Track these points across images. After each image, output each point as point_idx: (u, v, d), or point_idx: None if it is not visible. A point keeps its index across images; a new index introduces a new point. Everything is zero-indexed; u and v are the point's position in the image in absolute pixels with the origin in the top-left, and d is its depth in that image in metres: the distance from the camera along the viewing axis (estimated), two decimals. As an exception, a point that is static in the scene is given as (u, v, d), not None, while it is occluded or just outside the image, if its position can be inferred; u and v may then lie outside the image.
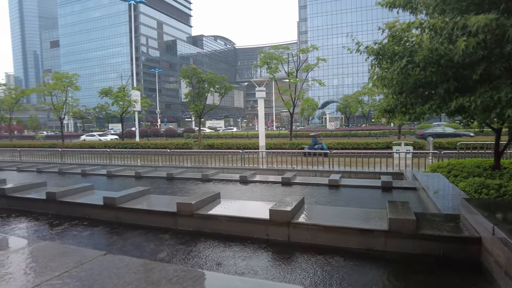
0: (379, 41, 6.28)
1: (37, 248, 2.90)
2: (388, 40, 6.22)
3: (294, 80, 32.99)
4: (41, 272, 2.30)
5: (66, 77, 36.66)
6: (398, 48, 5.97)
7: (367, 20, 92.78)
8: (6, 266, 2.44)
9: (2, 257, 2.63)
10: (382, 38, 6.55)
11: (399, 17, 6.96)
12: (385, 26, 6.54)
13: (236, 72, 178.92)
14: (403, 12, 6.85)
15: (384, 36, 6.51)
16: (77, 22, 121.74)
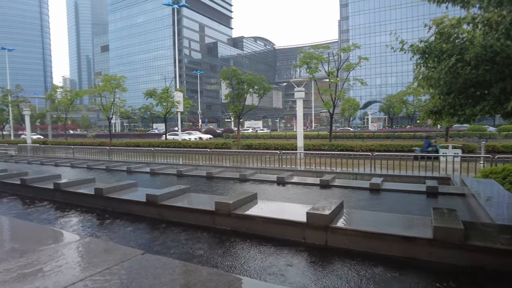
0: (424, 38, 5.93)
1: (83, 244, 3.10)
2: (435, 37, 5.85)
3: (335, 80, 32.27)
4: (86, 267, 2.46)
5: (114, 79, 38.84)
6: (447, 46, 5.58)
7: (412, 16, 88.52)
8: (55, 259, 2.64)
9: (53, 250, 2.85)
10: (428, 35, 6.18)
11: (448, 12, 6.55)
12: (432, 22, 6.17)
13: (275, 73, 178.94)
14: (453, 7, 6.42)
15: (430, 34, 6.14)
16: (125, 27, 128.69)
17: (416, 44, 5.96)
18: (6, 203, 9.51)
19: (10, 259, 2.67)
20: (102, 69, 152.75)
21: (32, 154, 27.99)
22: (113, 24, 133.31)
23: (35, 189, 10.08)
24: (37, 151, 28.50)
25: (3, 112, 55.78)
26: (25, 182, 10.29)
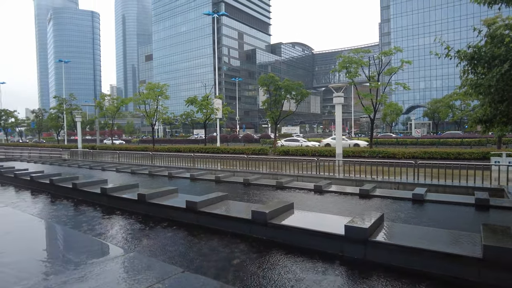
0: (472, 39, 5.57)
1: (128, 259, 3.31)
2: (486, 41, 5.47)
3: (376, 84, 31.23)
4: (131, 284, 2.61)
5: (158, 87, 40.59)
6: (499, 50, 5.19)
7: (460, 16, 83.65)
8: (104, 273, 2.83)
9: (102, 264, 3.08)
10: (477, 39, 5.80)
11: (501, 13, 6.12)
12: (482, 23, 5.79)
13: (313, 77, 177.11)
14: (507, 8, 5.96)
15: (479, 38, 5.76)
16: (167, 36, 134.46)
17: (463, 49, 5.62)
18: (60, 205, 10.28)
19: (66, 270, 2.95)
20: (146, 77, 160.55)
21: (83, 159, 29.98)
22: (156, 34, 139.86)
23: (84, 193, 10.79)
24: (87, 155, 30.50)
25: (59, 119, 60.50)
26: (76, 186, 11.06)
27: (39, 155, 37.24)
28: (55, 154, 34.77)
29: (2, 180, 15.86)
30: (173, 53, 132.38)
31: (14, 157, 36.23)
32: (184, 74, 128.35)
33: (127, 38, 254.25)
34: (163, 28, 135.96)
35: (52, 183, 12.24)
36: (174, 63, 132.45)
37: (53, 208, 10.05)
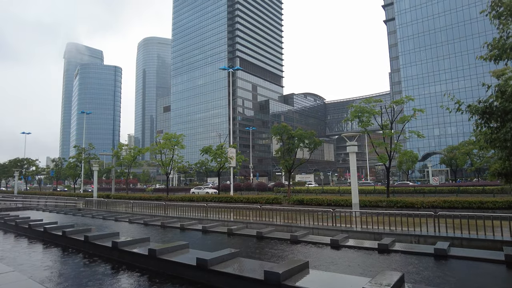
0: (483, 98, 5.58)
1: None
2: (496, 95, 5.48)
3: (389, 133, 31.17)
4: None
5: (174, 137, 41.65)
6: (511, 105, 5.18)
7: (468, 64, 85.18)
8: None
9: None
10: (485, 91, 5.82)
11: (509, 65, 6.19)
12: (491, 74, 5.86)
13: (326, 126, 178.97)
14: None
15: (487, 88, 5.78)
16: (185, 89, 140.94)
17: (474, 104, 5.63)
18: (71, 259, 10.12)
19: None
20: (164, 127, 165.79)
21: (97, 208, 30.08)
22: (175, 87, 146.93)
23: (95, 246, 10.65)
24: (101, 205, 30.61)
25: (77, 167, 62.01)
26: (88, 239, 10.96)
27: (55, 203, 37.65)
28: (71, 203, 35.09)
29: (17, 231, 15.94)
30: (190, 104, 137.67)
31: (31, 205, 36.73)
32: (200, 124, 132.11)
33: (147, 91, 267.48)
34: (181, 81, 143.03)
35: (65, 235, 12.19)
36: (190, 114, 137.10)
37: (63, 266, 9.88)
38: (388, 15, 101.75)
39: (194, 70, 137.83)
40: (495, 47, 5.54)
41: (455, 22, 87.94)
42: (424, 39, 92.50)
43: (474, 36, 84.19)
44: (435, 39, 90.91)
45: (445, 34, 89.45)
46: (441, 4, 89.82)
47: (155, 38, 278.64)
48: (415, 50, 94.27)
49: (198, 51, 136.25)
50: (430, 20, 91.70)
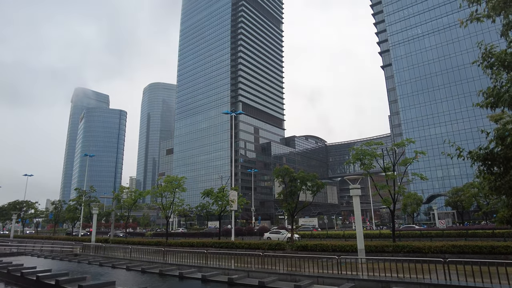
0: (483, 145, 5.62)
1: None
2: (496, 142, 5.52)
3: (392, 175, 30.98)
4: None
5: (175, 179, 41.47)
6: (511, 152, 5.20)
7: (466, 107, 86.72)
8: None
9: None
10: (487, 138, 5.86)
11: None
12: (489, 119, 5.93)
13: (328, 168, 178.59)
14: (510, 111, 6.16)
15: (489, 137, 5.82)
16: (188, 132, 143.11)
17: (475, 150, 5.65)
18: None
19: None
20: (166, 170, 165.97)
21: (94, 253, 29.16)
22: (178, 130, 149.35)
23: (90, 297, 10.16)
24: (99, 250, 29.70)
25: (76, 210, 61.13)
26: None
27: (51, 248, 36.57)
28: (67, 248, 34.09)
29: (9, 279, 15.32)
30: (193, 147, 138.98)
31: (26, 250, 35.68)
32: (202, 166, 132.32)
33: (151, 134, 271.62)
34: (185, 125, 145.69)
35: (58, 285, 11.69)
36: (193, 156, 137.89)
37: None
38: (385, 61, 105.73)
39: (197, 114, 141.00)
40: (490, 95, 5.71)
41: (449, 67, 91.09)
42: (421, 83, 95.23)
43: (469, 80, 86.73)
44: (431, 83, 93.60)
45: (441, 78, 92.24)
46: (435, 51, 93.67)
47: (161, 83, 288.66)
48: (413, 93, 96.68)
49: (202, 96, 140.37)
50: (425, 66, 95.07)
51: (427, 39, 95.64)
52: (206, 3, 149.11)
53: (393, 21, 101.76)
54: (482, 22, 5.82)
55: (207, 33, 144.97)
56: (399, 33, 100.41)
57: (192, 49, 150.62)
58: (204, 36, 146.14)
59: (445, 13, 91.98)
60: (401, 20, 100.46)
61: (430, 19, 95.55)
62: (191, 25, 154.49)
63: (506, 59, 5.53)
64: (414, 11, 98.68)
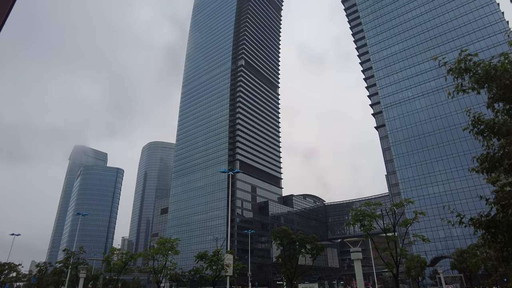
0: (484, 212, 5.55)
1: None
2: (497, 209, 5.45)
3: (393, 237, 30.14)
4: None
5: (169, 241, 39.98)
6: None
7: (462, 166, 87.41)
8: None
9: None
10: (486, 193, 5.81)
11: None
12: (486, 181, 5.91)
13: (328, 229, 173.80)
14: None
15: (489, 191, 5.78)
16: (185, 191, 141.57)
17: (476, 217, 5.56)
18: None
19: None
20: (159, 230, 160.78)
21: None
22: (174, 188, 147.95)
23: None
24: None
25: (62, 273, 57.59)
26: None
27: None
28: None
29: None
30: (188, 206, 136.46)
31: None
32: (197, 226, 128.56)
33: (146, 193, 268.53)
34: (181, 183, 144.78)
35: None
36: (188, 216, 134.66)
37: None
38: (379, 122, 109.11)
39: (194, 172, 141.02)
40: (484, 161, 5.81)
41: (441, 127, 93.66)
42: (416, 143, 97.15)
43: (461, 140, 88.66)
44: (425, 143, 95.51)
45: (434, 138, 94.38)
46: (426, 112, 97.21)
47: (159, 142, 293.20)
48: (408, 153, 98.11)
49: (200, 155, 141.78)
50: (418, 126, 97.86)
51: (418, 101, 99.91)
52: (207, 69, 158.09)
53: (384, 85, 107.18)
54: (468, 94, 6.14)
55: (207, 95, 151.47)
56: (390, 96, 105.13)
57: (192, 110, 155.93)
58: (204, 99, 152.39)
59: (432, 78, 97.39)
60: (392, 84, 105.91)
61: (419, 83, 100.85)
62: (192, 88, 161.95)
63: (495, 126, 5.74)
64: (403, 75, 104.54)
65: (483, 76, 5.42)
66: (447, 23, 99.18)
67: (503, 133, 5.38)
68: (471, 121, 6.21)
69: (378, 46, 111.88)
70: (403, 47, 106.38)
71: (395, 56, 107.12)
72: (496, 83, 5.11)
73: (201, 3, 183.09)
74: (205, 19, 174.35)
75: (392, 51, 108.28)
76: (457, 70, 5.92)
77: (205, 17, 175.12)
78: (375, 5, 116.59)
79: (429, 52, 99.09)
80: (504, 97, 5.18)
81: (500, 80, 5.02)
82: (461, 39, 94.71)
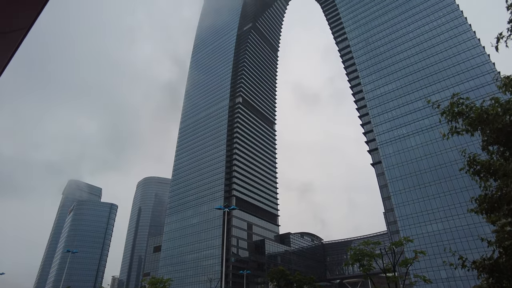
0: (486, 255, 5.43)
1: None
2: (499, 252, 5.35)
3: (393, 278, 29.19)
4: None
5: (161, 281, 38.38)
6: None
7: (459, 203, 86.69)
8: None
9: None
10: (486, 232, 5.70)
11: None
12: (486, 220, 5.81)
13: (326, 269, 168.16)
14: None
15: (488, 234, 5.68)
16: (178, 228, 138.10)
17: (479, 261, 5.44)
18: None
19: None
20: (152, 269, 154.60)
21: None
22: (168, 225, 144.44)
23: None
24: None
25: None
26: None
27: None
28: None
29: None
30: (182, 244, 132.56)
31: None
32: (190, 266, 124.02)
33: (139, 229, 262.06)
34: (176, 220, 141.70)
35: None
36: (181, 255, 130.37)
37: None
38: (375, 159, 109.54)
39: (189, 209, 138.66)
40: (482, 201, 5.80)
41: (437, 164, 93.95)
42: (412, 180, 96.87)
43: (457, 177, 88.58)
44: (422, 180, 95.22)
45: (431, 175, 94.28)
46: (421, 149, 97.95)
47: (155, 177, 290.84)
48: (405, 190, 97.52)
49: (196, 190, 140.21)
50: (414, 163, 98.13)
51: (413, 138, 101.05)
52: (205, 106, 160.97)
53: (379, 122, 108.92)
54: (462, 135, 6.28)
55: (205, 131, 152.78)
56: (385, 133, 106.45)
57: (189, 146, 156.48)
58: (201, 134, 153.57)
59: (426, 116, 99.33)
60: (386, 121, 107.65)
61: (413, 120, 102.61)
62: (190, 124, 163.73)
63: (491, 167, 5.80)
64: (397, 113, 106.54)
65: (475, 119, 5.58)
66: (437, 63, 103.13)
67: (499, 175, 5.42)
68: (467, 162, 6.28)
69: (372, 85, 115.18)
70: (396, 86, 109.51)
71: (389, 94, 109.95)
72: (489, 127, 5.24)
73: (201, 43, 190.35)
74: (204, 58, 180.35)
75: (386, 89, 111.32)
76: (451, 113, 6.09)
77: (204, 56, 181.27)
78: (368, 46, 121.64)
79: (421, 91, 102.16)
80: (498, 140, 5.29)
81: (492, 124, 5.16)
82: (452, 79, 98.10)
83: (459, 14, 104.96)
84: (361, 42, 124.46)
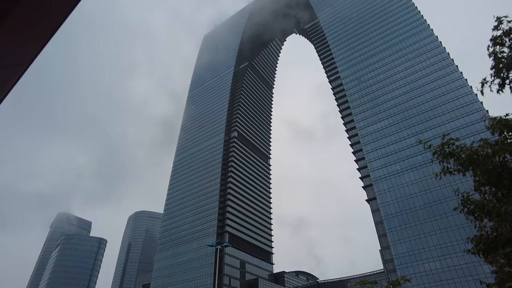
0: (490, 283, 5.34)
1: None
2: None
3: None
4: None
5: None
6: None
7: (456, 240, 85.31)
8: None
9: None
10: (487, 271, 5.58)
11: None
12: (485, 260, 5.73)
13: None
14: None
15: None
16: (169, 265, 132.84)
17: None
18: None
19: None
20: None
21: None
22: (157, 262, 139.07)
23: None
24: None
25: None
26: None
27: None
28: None
29: None
30: (172, 282, 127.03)
31: None
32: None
33: (128, 266, 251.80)
34: (166, 257, 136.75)
35: None
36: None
37: None
38: (370, 195, 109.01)
39: (181, 245, 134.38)
40: (478, 242, 5.77)
41: (432, 201, 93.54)
42: (408, 217, 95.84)
43: (453, 214, 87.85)
44: (417, 216, 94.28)
45: (426, 211, 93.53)
46: (416, 186, 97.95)
47: (146, 212, 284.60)
48: (401, 227, 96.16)
49: (187, 226, 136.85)
50: (409, 199, 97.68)
51: (407, 174, 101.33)
52: (201, 139, 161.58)
53: (373, 158, 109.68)
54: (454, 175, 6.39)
55: (199, 165, 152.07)
56: (379, 169, 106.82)
57: (182, 179, 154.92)
58: (196, 168, 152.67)
59: (419, 152, 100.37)
60: (380, 158, 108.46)
61: (407, 157, 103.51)
62: (184, 157, 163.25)
63: (486, 207, 5.84)
64: (391, 150, 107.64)
65: (466, 160, 5.71)
66: (427, 102, 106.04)
67: (493, 215, 5.46)
68: (461, 201, 6.32)
69: (365, 122, 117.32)
70: (388, 123, 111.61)
71: (382, 131, 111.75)
72: (480, 168, 5.36)
73: (198, 79, 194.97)
74: (201, 94, 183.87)
75: (379, 126, 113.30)
76: (442, 153, 6.25)
77: (201, 91, 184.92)
78: (360, 85, 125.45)
79: (413, 128, 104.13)
80: (489, 181, 5.39)
81: (483, 165, 5.29)
82: (442, 117, 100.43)
83: (446, 56, 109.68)
84: (354, 80, 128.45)
